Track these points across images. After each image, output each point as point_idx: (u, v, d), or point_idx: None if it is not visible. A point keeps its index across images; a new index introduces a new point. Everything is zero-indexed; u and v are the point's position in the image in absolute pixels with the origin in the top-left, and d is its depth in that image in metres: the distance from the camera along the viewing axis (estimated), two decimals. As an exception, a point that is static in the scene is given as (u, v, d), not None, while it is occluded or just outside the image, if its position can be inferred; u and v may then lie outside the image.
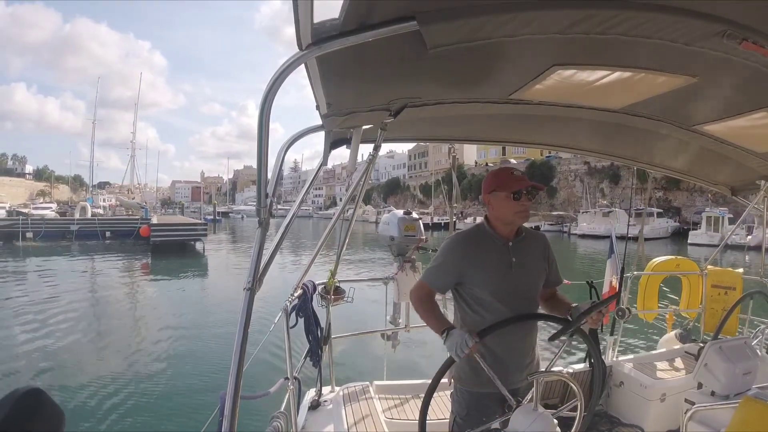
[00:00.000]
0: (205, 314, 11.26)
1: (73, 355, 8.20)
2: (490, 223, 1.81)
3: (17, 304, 12.34)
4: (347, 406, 2.78)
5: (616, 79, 1.54)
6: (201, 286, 16.80)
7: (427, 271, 1.86)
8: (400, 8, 1.00)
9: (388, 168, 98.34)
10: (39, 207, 45.65)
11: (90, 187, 60.03)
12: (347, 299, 3.03)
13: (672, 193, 41.05)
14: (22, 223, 30.61)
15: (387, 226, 3.22)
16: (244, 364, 1.31)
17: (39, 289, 14.78)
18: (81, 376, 7.05)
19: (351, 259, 20.24)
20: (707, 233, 31.31)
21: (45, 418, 0.76)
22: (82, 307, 12.22)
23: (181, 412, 5.90)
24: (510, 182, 1.73)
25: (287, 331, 2.27)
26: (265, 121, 1.25)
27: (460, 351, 1.54)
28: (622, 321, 3.56)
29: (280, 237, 1.66)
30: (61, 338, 9.19)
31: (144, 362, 7.79)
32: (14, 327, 10.05)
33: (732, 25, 1.09)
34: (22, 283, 16.50)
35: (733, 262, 19.66)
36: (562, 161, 50.98)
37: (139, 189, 54.80)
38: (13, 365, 7.67)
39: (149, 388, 6.68)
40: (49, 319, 10.59)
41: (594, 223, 38.07)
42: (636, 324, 7.47)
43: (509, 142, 3.21)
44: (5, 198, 61.25)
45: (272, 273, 1.51)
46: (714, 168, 3.06)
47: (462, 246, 1.80)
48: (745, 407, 1.92)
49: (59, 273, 18.37)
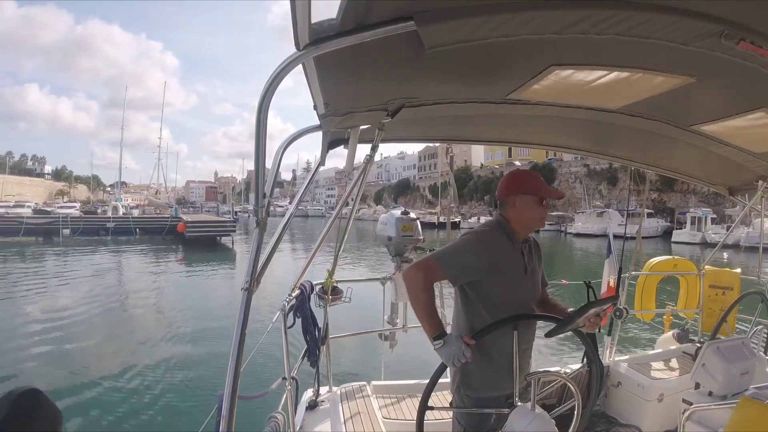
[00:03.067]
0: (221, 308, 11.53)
1: (74, 354, 8.20)
2: (509, 224, 1.77)
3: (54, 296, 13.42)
4: (345, 406, 2.78)
5: (613, 79, 1.54)
6: (230, 275, 18.08)
7: (444, 257, 1.70)
8: (398, 8, 1.00)
9: (399, 169, 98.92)
10: (64, 206, 48.59)
11: (108, 186, 63.47)
12: (345, 299, 3.03)
13: (666, 195, 42.47)
14: (62, 220, 33.54)
15: (384, 226, 3.22)
16: (242, 364, 1.31)
17: (69, 283, 15.80)
18: (80, 376, 7.04)
19: (361, 256, 20.73)
20: (689, 232, 33.61)
21: (43, 418, 0.76)
22: (106, 300, 12.92)
23: (179, 412, 5.89)
24: (541, 188, 1.76)
25: (285, 331, 2.27)
26: (262, 121, 1.25)
27: (456, 361, 1.53)
28: (619, 321, 3.56)
29: (277, 237, 1.66)
30: (72, 335, 9.42)
31: (144, 362, 7.75)
32: (38, 317, 10.69)
33: (730, 25, 1.09)
34: (65, 275, 17.70)
35: (714, 258, 20.44)
36: (563, 164, 52.65)
37: (165, 190, 58.68)
38: (23, 359, 7.83)
39: (148, 387, 6.67)
40: (75, 310, 11.36)
41: (588, 223, 40.17)
42: (634, 324, 7.51)
43: (507, 143, 3.21)
44: (30, 197, 63.91)
45: (285, 270, 1.51)
46: (712, 168, 3.07)
47: (488, 245, 1.73)
48: (742, 407, 1.92)
49: (102, 265, 20.57)
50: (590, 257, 24.97)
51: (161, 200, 49.51)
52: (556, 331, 1.67)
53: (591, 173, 49.26)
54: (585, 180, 49.79)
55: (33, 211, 40.16)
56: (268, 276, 1.50)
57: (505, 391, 1.72)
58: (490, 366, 1.71)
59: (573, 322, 1.63)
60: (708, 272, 4.10)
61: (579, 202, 48.78)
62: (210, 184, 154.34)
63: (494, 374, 1.73)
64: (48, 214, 36.93)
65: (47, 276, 17.37)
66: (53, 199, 78.80)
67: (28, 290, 14.29)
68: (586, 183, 49.51)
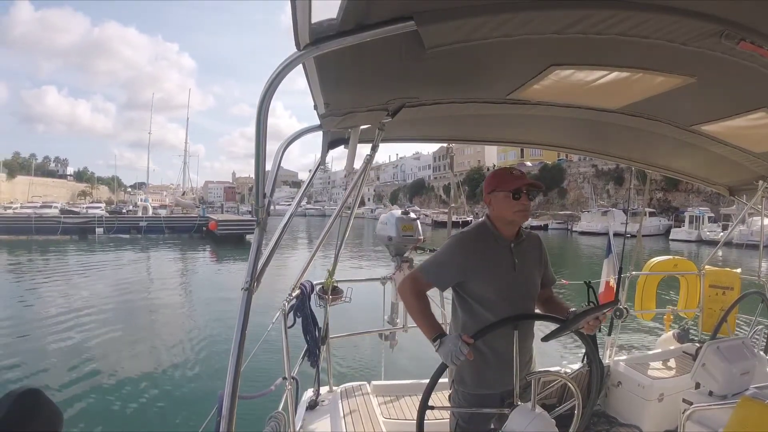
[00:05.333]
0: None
1: (75, 354, 8.16)
2: (492, 223, 1.80)
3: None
4: (345, 405, 2.78)
5: (613, 79, 1.54)
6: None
7: (427, 266, 1.80)
8: (398, 8, 1.00)
9: (414, 169, 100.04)
10: (90, 207, 51.64)
11: (128, 187, 67.18)
12: (345, 299, 3.03)
13: (671, 194, 43.85)
14: (96, 220, 36.90)
15: (385, 225, 3.22)
16: (242, 364, 1.32)
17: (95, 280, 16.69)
18: (81, 375, 7.03)
19: (378, 256, 21.37)
20: (686, 230, 35.43)
21: (43, 418, 0.76)
22: (130, 294, 13.67)
23: (179, 412, 5.89)
24: (509, 181, 1.74)
25: (285, 331, 2.27)
26: (262, 121, 1.25)
27: (455, 359, 1.54)
28: (620, 321, 3.56)
29: (277, 237, 1.66)
30: (88, 329, 9.66)
31: (144, 361, 7.76)
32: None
33: (730, 25, 1.09)
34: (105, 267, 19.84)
35: (708, 254, 21.71)
36: (572, 164, 54.29)
37: (191, 191, 61.96)
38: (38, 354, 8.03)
39: (148, 387, 6.66)
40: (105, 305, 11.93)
41: (593, 222, 41.61)
42: (634, 324, 7.51)
43: (507, 142, 3.20)
44: (55, 198, 67.01)
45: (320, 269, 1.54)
46: (712, 168, 3.07)
47: (467, 245, 1.78)
48: (743, 407, 1.92)
49: (136, 261, 22.49)
50: (593, 251, 26.22)
51: (188, 201, 53.44)
52: (553, 335, 1.68)
53: (599, 173, 50.67)
54: (593, 180, 51.26)
55: (60, 211, 42.48)
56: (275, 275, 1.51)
57: (498, 389, 1.73)
58: (483, 364, 1.72)
59: (570, 327, 1.63)
60: (708, 272, 4.10)
61: (587, 201, 50.25)
62: (228, 185, 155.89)
63: (487, 372, 1.74)
64: (77, 215, 40.00)
65: (85, 267, 19.39)
66: (76, 200, 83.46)
67: (67, 281, 15.83)
68: (594, 183, 51.02)
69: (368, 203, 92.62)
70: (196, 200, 57.58)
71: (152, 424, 5.64)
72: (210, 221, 35.91)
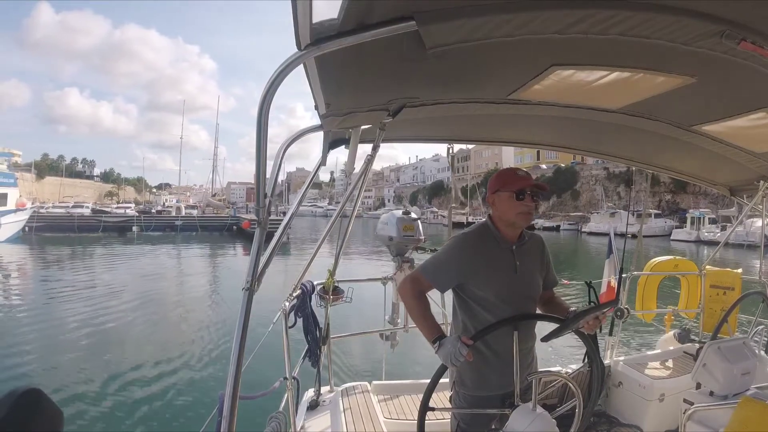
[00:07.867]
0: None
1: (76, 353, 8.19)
2: (494, 224, 1.79)
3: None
4: (346, 405, 2.78)
5: (614, 79, 1.54)
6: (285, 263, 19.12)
7: (428, 266, 1.79)
8: (399, 8, 1.00)
9: (434, 171, 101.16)
10: (121, 206, 56.91)
11: (154, 188, 72.82)
12: (346, 299, 3.03)
13: (680, 196, 45.92)
14: (136, 219, 41.83)
15: (385, 225, 3.22)
16: (243, 364, 1.32)
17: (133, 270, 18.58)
18: (81, 375, 7.04)
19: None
20: (686, 231, 37.18)
21: (43, 417, 0.76)
22: (153, 291, 14.30)
23: (180, 412, 5.89)
24: (513, 181, 1.72)
25: (286, 331, 2.27)
26: (263, 121, 1.24)
27: (455, 360, 1.54)
28: (620, 321, 3.56)
29: (278, 237, 1.66)
30: (105, 327, 9.92)
31: (145, 361, 7.75)
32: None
33: (731, 25, 1.09)
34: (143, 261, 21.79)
35: (705, 253, 22.60)
36: (584, 167, 56.09)
37: (222, 192, 65.23)
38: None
39: (149, 387, 6.67)
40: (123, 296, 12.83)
41: (601, 223, 43.15)
42: (635, 324, 7.50)
43: (508, 142, 3.20)
44: (88, 198, 71.65)
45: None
46: (713, 168, 3.07)
47: (469, 246, 1.76)
48: (743, 407, 1.92)
49: (172, 258, 24.41)
50: (601, 249, 26.99)
51: (218, 202, 57.34)
52: (553, 334, 1.68)
53: (610, 176, 52.43)
54: (604, 182, 52.94)
55: (92, 211, 46.76)
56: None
57: (498, 391, 1.72)
58: (483, 365, 1.72)
59: (570, 326, 1.63)
60: (709, 272, 4.10)
61: (599, 203, 51.76)
62: (250, 185, 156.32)
63: (487, 373, 1.73)
64: (109, 214, 44.85)
65: (126, 260, 22.01)
66: (103, 200, 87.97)
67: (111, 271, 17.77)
68: (605, 185, 52.65)
69: (388, 204, 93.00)
70: (225, 201, 60.18)
71: (153, 423, 5.64)
72: (242, 221, 38.56)
